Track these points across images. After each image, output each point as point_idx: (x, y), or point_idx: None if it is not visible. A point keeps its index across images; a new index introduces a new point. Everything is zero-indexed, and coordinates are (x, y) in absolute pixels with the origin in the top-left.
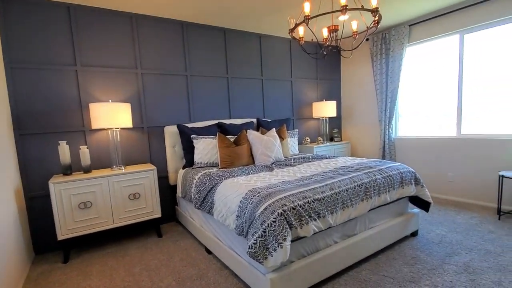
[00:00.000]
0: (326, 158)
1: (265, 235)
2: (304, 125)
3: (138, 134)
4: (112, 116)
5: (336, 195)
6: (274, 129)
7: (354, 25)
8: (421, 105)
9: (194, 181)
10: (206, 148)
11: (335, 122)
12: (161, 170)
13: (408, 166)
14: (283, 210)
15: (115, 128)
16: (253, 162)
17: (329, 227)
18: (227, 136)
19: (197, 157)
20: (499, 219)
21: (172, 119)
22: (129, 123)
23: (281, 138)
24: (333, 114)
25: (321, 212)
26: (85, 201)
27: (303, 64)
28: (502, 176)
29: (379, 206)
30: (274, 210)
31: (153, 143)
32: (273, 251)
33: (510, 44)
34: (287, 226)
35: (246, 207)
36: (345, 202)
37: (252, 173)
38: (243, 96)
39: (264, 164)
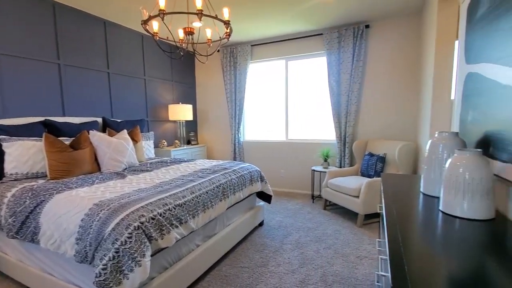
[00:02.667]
0: (185, 161)
1: (118, 256)
2: (161, 127)
3: None
4: None
5: (197, 198)
6: (125, 130)
7: (209, 33)
8: (262, 113)
9: (6, 200)
10: (25, 154)
11: (192, 126)
12: None
13: (254, 166)
14: (140, 223)
15: None
16: (99, 169)
17: (192, 232)
18: (59, 138)
19: (10, 167)
20: (313, 202)
21: None
22: None
23: (135, 141)
24: (190, 117)
25: (183, 217)
26: None
27: (157, 63)
28: (313, 170)
29: (234, 204)
30: (129, 224)
31: None
32: (129, 273)
33: (316, 72)
34: (145, 240)
35: (91, 225)
36: (205, 204)
37: (98, 183)
38: (83, 89)
39: (113, 170)
